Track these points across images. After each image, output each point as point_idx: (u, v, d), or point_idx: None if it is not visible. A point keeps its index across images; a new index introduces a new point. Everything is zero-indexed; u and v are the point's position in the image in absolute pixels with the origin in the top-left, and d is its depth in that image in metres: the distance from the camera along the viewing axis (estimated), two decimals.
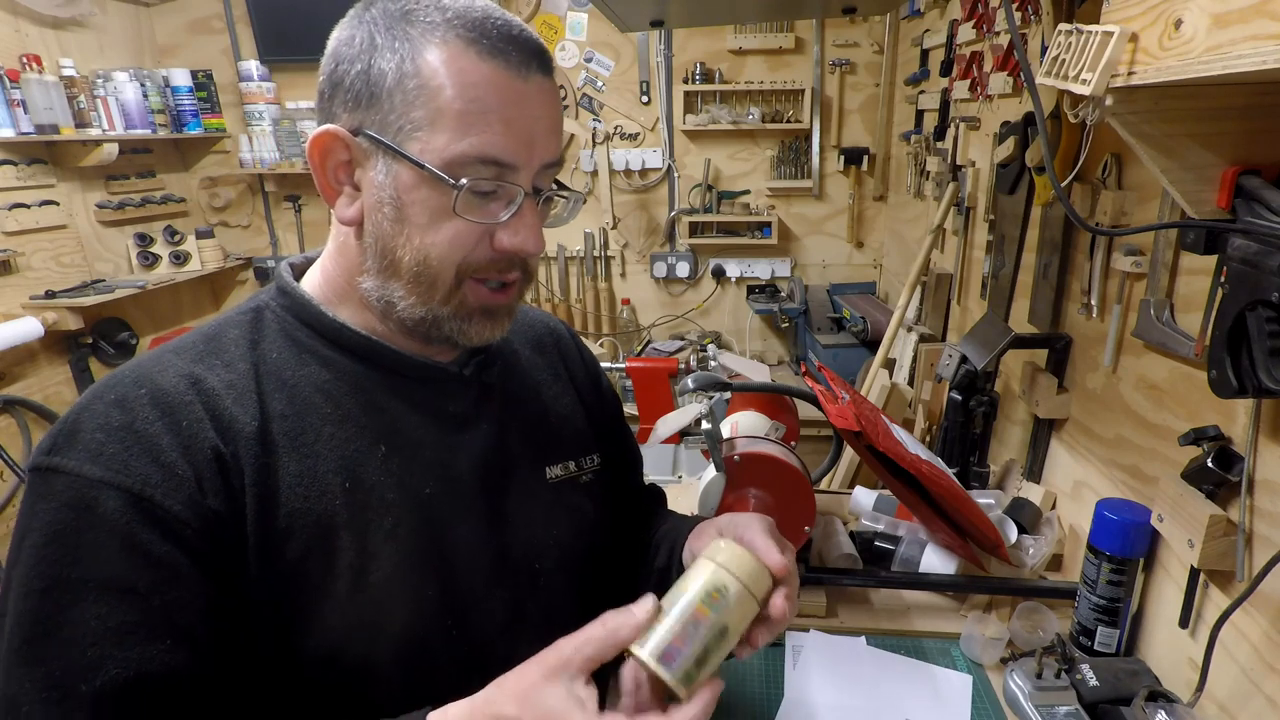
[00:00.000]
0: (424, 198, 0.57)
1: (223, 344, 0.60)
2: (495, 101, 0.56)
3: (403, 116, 0.55)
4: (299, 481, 0.58)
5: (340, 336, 0.63)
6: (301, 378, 0.61)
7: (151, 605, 0.50)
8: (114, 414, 0.53)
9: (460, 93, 0.55)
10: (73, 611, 0.49)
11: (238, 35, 2.96)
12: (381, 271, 0.61)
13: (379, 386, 0.64)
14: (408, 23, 0.56)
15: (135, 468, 0.51)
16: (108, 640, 0.49)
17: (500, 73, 0.56)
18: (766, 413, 1.33)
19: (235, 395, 0.57)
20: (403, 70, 0.55)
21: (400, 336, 0.65)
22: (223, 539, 0.54)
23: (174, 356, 0.58)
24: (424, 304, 0.61)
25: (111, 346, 2.65)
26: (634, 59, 2.93)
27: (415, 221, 0.58)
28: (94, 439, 0.52)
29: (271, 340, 0.62)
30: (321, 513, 0.58)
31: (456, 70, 0.55)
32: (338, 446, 0.60)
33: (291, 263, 0.69)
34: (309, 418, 0.60)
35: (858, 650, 1.05)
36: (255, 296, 0.66)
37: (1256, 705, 0.79)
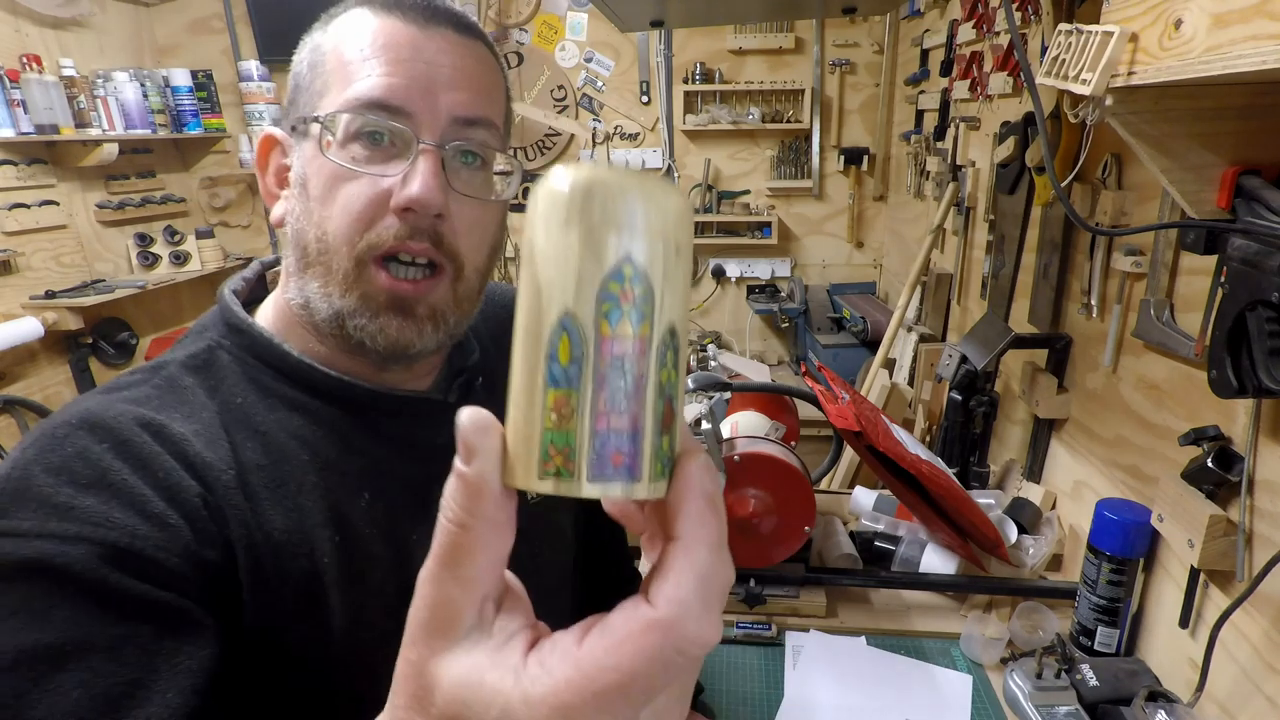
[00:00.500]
0: (320, 165, 0.53)
1: (180, 391, 0.53)
2: (383, 46, 0.52)
3: (311, 92, 0.54)
4: (287, 539, 0.52)
5: (309, 377, 0.56)
6: (272, 424, 0.55)
7: (146, 663, 0.44)
8: (77, 467, 0.46)
9: (350, 46, 0.53)
10: (49, 683, 0.41)
11: (238, 35, 2.96)
12: (298, 265, 0.55)
13: (355, 428, 0.57)
14: (328, 15, 0.56)
15: (118, 520, 0.45)
16: (97, 710, 0.41)
17: (393, 23, 0.53)
18: (766, 413, 1.33)
19: (205, 442, 0.51)
20: (311, 51, 0.55)
21: (358, 364, 0.58)
22: (218, 591, 0.49)
23: (126, 404, 0.50)
24: (326, 295, 0.54)
25: (111, 346, 2.65)
26: (634, 59, 2.93)
27: (314, 194, 0.53)
28: (59, 494, 0.44)
29: (232, 385, 0.55)
30: (311, 571, 0.52)
31: (349, 29, 0.53)
32: (321, 497, 0.54)
33: (234, 289, 0.61)
34: (287, 466, 0.54)
35: (858, 650, 1.05)
36: (201, 335, 0.58)
37: (1256, 705, 0.79)
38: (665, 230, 0.24)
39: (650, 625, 0.23)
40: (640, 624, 0.23)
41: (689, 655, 0.23)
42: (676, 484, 0.25)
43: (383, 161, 0.53)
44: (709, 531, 0.24)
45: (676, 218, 0.25)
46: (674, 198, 0.25)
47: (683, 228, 0.25)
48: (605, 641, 0.23)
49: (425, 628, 0.25)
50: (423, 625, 0.25)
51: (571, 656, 0.23)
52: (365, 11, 0.54)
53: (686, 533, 0.24)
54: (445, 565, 0.25)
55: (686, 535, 0.24)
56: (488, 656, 0.24)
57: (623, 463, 0.24)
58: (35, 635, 0.41)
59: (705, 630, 0.23)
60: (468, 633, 0.25)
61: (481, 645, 0.25)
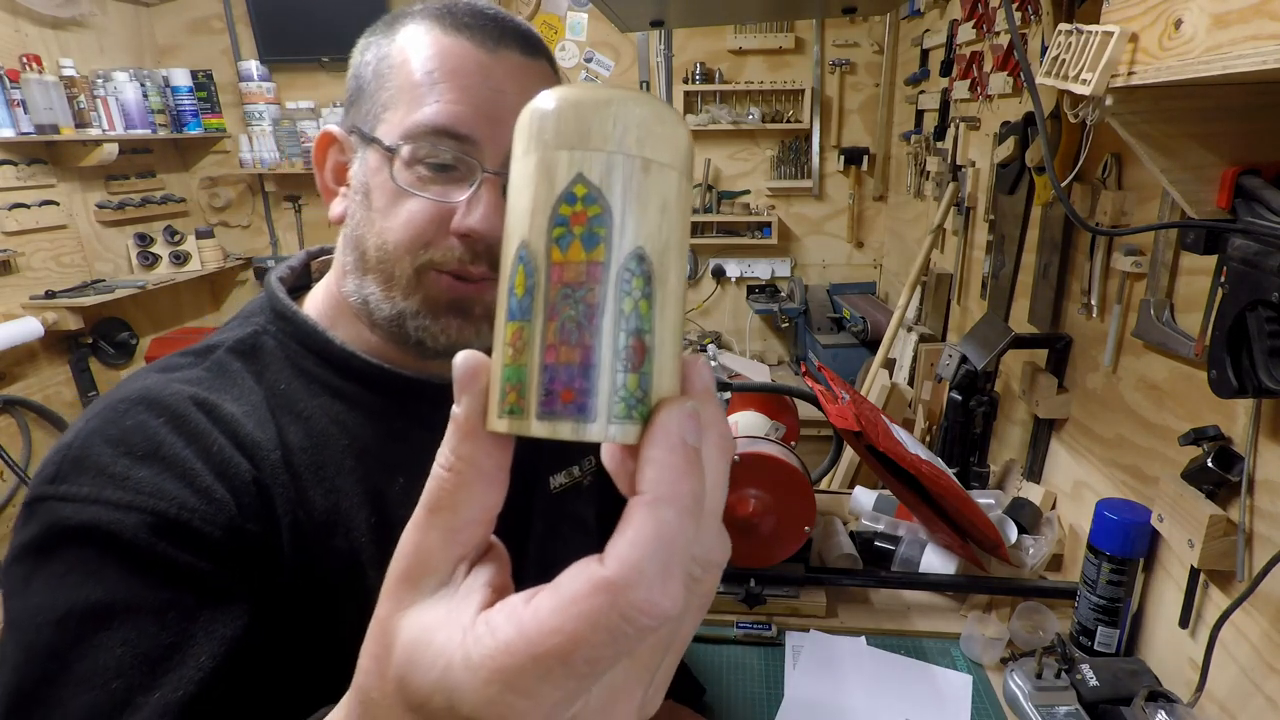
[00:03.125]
0: (384, 180, 0.55)
1: (229, 375, 0.57)
2: (451, 71, 0.53)
3: (376, 102, 0.55)
4: (326, 518, 0.55)
5: (351, 364, 0.59)
6: (315, 409, 0.57)
7: (187, 626, 0.46)
8: (135, 439, 0.49)
9: (419, 65, 0.54)
10: (94, 640, 0.43)
11: (238, 35, 2.96)
12: (356, 266, 0.58)
13: (394, 414, 0.60)
14: (395, 20, 0.57)
15: (169, 491, 0.48)
16: (137, 669, 0.44)
17: (462, 44, 0.54)
18: (766, 413, 1.33)
19: (254, 423, 0.54)
20: (378, 58, 0.56)
21: (404, 354, 0.60)
22: (260, 564, 0.51)
23: (181, 383, 0.54)
24: (389, 298, 0.56)
25: (111, 346, 2.66)
26: (634, 59, 2.93)
27: (377, 205, 0.55)
28: (116, 464, 0.48)
29: (277, 371, 0.58)
30: (350, 551, 0.55)
31: (418, 45, 0.54)
32: (359, 480, 0.57)
33: (280, 276, 0.64)
34: (327, 450, 0.57)
35: (858, 650, 1.05)
36: (247, 320, 0.61)
37: (1256, 705, 0.79)
38: (626, 144, 0.21)
39: (597, 586, 0.20)
40: (587, 584, 0.20)
41: (637, 625, 0.20)
42: (648, 430, 0.22)
43: (446, 184, 0.54)
44: (678, 489, 0.21)
45: (644, 130, 0.22)
46: (644, 107, 0.22)
47: (657, 141, 0.22)
48: (550, 602, 0.21)
49: (398, 579, 0.24)
50: (397, 577, 0.24)
51: (516, 616, 0.21)
52: (435, 28, 0.55)
53: (650, 487, 0.21)
54: (430, 510, 0.24)
55: (649, 490, 0.21)
56: (444, 613, 0.22)
57: (573, 400, 0.21)
58: (86, 594, 0.44)
59: (658, 599, 0.20)
60: (435, 588, 0.23)
61: (443, 602, 0.23)
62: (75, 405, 2.56)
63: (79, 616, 0.44)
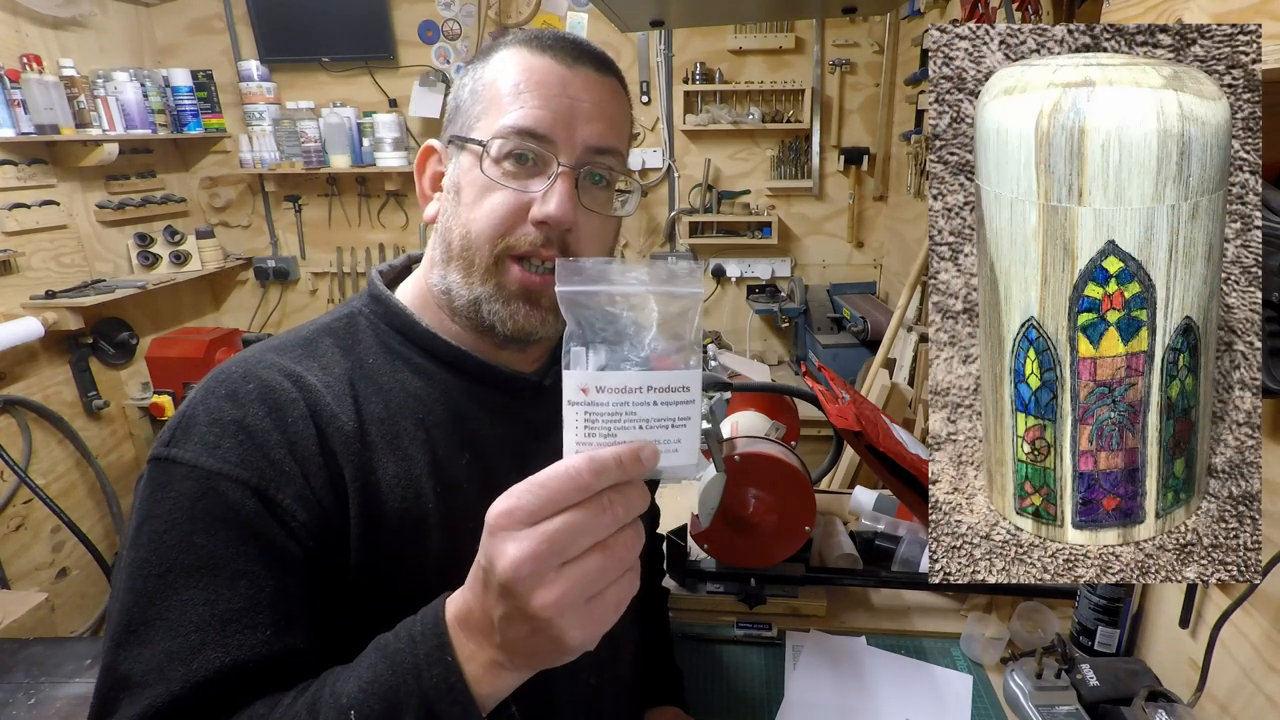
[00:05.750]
0: (474, 178, 0.62)
1: (319, 349, 0.64)
2: (536, 83, 0.61)
3: (470, 115, 0.64)
4: (396, 482, 0.60)
5: (431, 345, 0.66)
6: (395, 383, 0.64)
7: (258, 594, 0.53)
8: (226, 408, 0.56)
9: (509, 80, 0.62)
10: (183, 595, 0.51)
11: (238, 35, 2.96)
12: (443, 258, 0.65)
13: (466, 395, 0.67)
14: (489, 49, 0.66)
15: (250, 461, 0.54)
16: (212, 626, 0.51)
17: (546, 61, 0.62)
18: (766, 413, 1.33)
19: (334, 395, 0.60)
20: (474, 80, 0.65)
21: (481, 342, 0.68)
22: (328, 530, 0.57)
23: (275, 355, 0.62)
24: (468, 284, 0.63)
25: (111, 346, 2.65)
26: (634, 59, 2.93)
27: (465, 200, 0.63)
28: (209, 433, 0.55)
29: (366, 346, 0.65)
30: (417, 514, 0.61)
31: (510, 65, 0.63)
32: (428, 451, 0.63)
33: (380, 270, 0.73)
34: (403, 422, 0.63)
35: (858, 650, 1.05)
36: (349, 303, 0.70)
37: (1257, 705, 0.79)
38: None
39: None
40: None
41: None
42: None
43: (526, 178, 0.62)
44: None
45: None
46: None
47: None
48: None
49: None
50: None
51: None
52: (523, 50, 0.63)
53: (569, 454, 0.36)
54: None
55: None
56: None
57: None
58: (179, 555, 0.52)
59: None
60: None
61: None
62: (75, 405, 2.56)
63: (173, 572, 0.52)
